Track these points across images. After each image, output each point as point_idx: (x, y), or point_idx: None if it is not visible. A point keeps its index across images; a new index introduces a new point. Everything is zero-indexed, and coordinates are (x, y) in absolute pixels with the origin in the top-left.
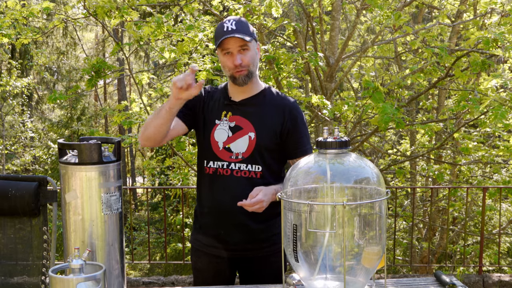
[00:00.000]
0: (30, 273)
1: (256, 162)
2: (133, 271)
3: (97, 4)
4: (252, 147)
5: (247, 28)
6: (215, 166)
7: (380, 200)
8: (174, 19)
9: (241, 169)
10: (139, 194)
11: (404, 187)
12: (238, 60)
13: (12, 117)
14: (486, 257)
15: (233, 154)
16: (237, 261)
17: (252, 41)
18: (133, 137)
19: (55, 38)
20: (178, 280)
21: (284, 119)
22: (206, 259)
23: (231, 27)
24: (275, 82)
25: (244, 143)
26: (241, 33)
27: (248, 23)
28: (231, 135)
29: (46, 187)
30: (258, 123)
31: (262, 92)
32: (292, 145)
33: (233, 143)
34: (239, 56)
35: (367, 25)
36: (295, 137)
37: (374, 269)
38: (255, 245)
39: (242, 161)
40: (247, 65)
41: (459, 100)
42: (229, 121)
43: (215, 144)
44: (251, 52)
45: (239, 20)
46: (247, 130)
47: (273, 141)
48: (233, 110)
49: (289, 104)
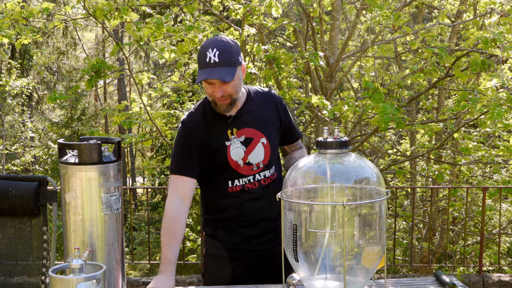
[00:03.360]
0: (30, 273)
1: (272, 163)
2: (133, 271)
3: (96, 5)
4: (268, 151)
5: (231, 57)
6: (241, 183)
7: (380, 200)
8: (174, 19)
9: (266, 176)
10: (139, 194)
11: (404, 187)
12: (220, 93)
13: (12, 117)
14: (486, 257)
15: (253, 166)
16: (257, 260)
17: (236, 68)
18: (133, 137)
19: (55, 38)
20: (178, 280)
21: (278, 112)
22: (229, 264)
23: (213, 59)
24: (275, 82)
25: (260, 151)
26: (225, 66)
27: (232, 49)
28: (246, 149)
29: (46, 187)
30: (263, 126)
31: (248, 96)
32: (289, 131)
33: (250, 155)
34: (221, 89)
35: (367, 25)
36: (289, 124)
37: (374, 269)
38: (277, 241)
39: (264, 168)
40: (229, 95)
41: (459, 100)
42: (238, 137)
43: (235, 164)
44: (234, 82)
45: (223, 48)
46: (258, 138)
47: (278, 136)
48: (236, 125)
49: (274, 97)
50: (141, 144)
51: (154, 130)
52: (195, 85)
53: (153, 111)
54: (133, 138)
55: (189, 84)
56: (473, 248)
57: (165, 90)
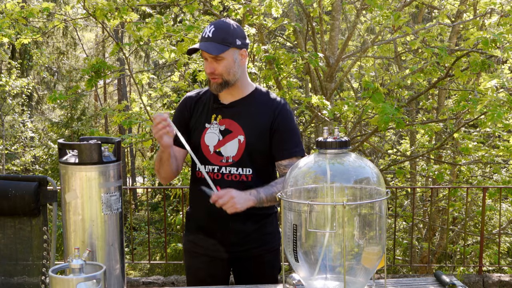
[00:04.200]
0: (30, 273)
1: (246, 165)
2: (133, 271)
3: (96, 5)
4: (242, 150)
5: (225, 35)
6: (206, 170)
7: (380, 200)
8: (174, 19)
9: (231, 172)
10: (139, 194)
11: (404, 187)
12: (209, 69)
13: (12, 117)
14: (486, 257)
15: (223, 158)
16: (231, 261)
17: (229, 50)
18: (133, 137)
19: (55, 38)
20: (178, 280)
21: (273, 119)
22: (199, 260)
23: (207, 34)
24: (275, 82)
25: (234, 146)
26: (215, 43)
27: (230, 29)
28: (221, 139)
29: (46, 187)
30: (248, 126)
31: (252, 93)
32: (278, 145)
33: (223, 146)
34: (212, 65)
35: (367, 25)
36: (282, 137)
37: (374, 269)
38: (248, 245)
39: (233, 164)
40: (219, 74)
41: (459, 100)
42: (219, 125)
43: (206, 148)
44: (226, 61)
45: (219, 26)
46: (237, 134)
47: (264, 142)
48: (223, 113)
49: (278, 104)
50: (141, 144)
51: None
52: (187, 75)
53: (153, 111)
54: (133, 138)
55: (189, 84)
56: (473, 248)
57: (165, 90)
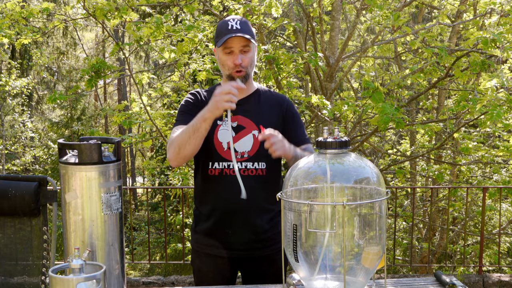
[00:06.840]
0: (30, 273)
1: (261, 159)
2: (133, 271)
3: (96, 5)
4: (257, 145)
5: (250, 29)
6: (221, 167)
7: (380, 200)
8: (174, 19)
9: (247, 167)
10: (139, 194)
11: (404, 187)
12: (239, 60)
13: (12, 117)
14: (486, 257)
15: (238, 153)
16: (240, 260)
17: (253, 42)
18: (133, 137)
19: (55, 38)
20: (178, 280)
21: (282, 113)
22: (210, 261)
23: (236, 26)
24: (275, 82)
25: (249, 141)
26: (246, 34)
27: (250, 24)
28: (234, 135)
29: (46, 187)
30: (260, 121)
31: (257, 91)
32: (293, 134)
33: (237, 142)
34: (241, 56)
35: (367, 25)
36: (294, 127)
37: (374, 269)
38: (261, 244)
39: (248, 159)
40: (246, 66)
41: (459, 100)
42: (232, 122)
43: (219, 145)
44: (251, 53)
45: (243, 20)
46: (250, 129)
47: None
48: (233, 110)
49: (284, 99)
50: (141, 144)
51: (154, 130)
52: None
53: (153, 111)
54: (133, 138)
55: (189, 84)
56: (473, 248)
57: (165, 90)
